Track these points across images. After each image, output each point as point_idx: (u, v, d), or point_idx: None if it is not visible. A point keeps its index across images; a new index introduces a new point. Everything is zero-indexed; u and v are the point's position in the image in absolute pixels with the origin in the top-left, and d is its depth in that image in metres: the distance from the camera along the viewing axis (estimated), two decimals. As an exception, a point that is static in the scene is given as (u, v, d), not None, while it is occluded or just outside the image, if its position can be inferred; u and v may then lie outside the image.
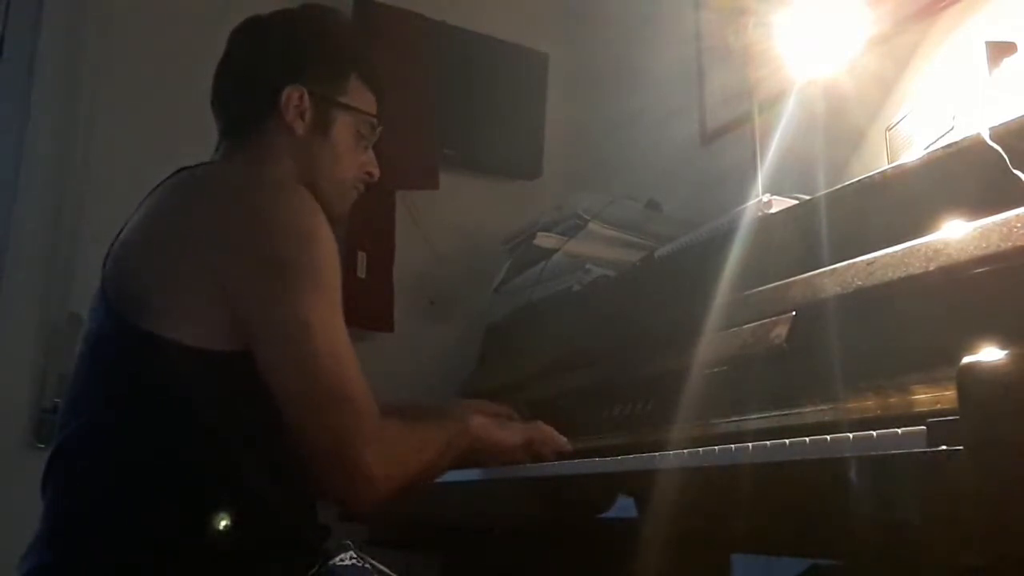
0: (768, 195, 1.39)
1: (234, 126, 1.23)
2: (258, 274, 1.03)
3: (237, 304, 1.01)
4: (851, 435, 0.76)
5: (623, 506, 1.05)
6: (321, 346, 1.01)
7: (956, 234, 0.89)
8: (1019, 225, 0.82)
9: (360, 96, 1.25)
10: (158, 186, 1.15)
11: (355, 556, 1.14)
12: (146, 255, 1.08)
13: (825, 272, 1.05)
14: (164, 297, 1.03)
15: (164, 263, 1.05)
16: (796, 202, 1.35)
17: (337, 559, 1.12)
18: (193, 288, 1.02)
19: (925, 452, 0.67)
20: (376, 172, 1.28)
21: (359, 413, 1.02)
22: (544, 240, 1.98)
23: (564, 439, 1.29)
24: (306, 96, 1.20)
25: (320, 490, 1.09)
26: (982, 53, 1.18)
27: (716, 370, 1.15)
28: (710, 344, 1.18)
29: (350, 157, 1.24)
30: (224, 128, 1.24)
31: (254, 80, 1.22)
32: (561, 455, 1.27)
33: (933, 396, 0.83)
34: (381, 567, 1.16)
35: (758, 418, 1.04)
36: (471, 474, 1.33)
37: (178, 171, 1.14)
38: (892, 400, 0.88)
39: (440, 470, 1.17)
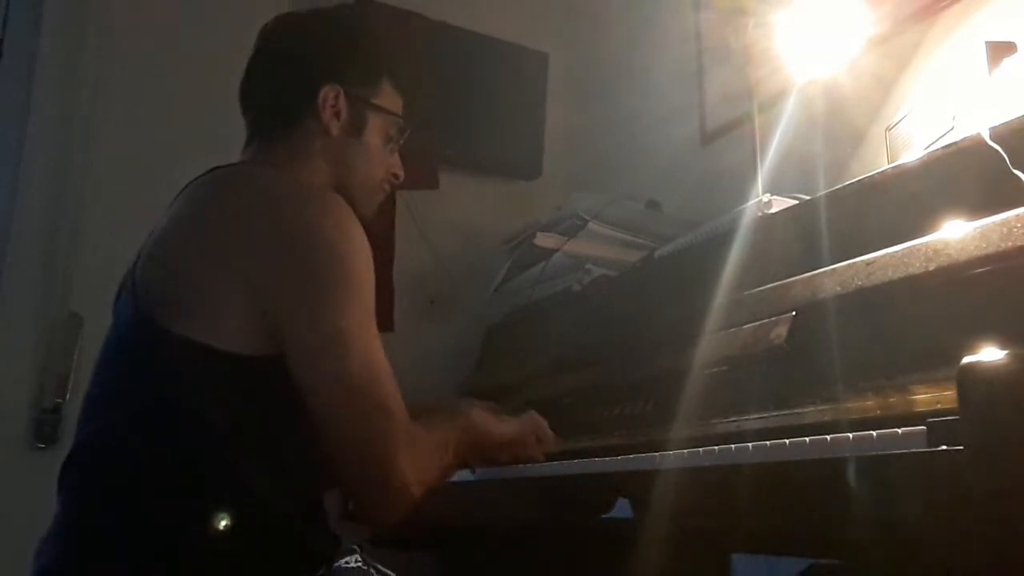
0: (768, 195, 1.39)
1: (266, 124, 1.21)
2: (294, 282, 1.02)
3: (272, 310, 1.01)
4: (851, 435, 0.76)
5: (623, 506, 1.05)
6: (356, 354, 1.01)
7: (956, 234, 0.89)
8: (1019, 225, 0.82)
9: (391, 98, 1.25)
10: (190, 184, 1.13)
11: (360, 560, 1.14)
12: (180, 258, 1.06)
13: (825, 272, 1.05)
14: (197, 301, 1.02)
15: (198, 267, 1.04)
16: (796, 202, 1.35)
17: (342, 562, 1.12)
18: (227, 293, 1.01)
19: (925, 452, 0.67)
20: (401, 174, 1.28)
21: (393, 421, 1.02)
22: (544, 240, 1.98)
23: (551, 435, 1.30)
24: (342, 96, 1.19)
25: (352, 500, 1.09)
26: (982, 53, 1.18)
27: (716, 370, 1.15)
28: (710, 344, 1.18)
29: (379, 159, 1.24)
30: (254, 126, 1.22)
31: (291, 78, 1.21)
32: (550, 453, 1.28)
33: (933, 396, 0.83)
34: (385, 571, 1.16)
35: (758, 418, 1.04)
36: (471, 474, 1.34)
37: (211, 170, 1.13)
38: (892, 400, 0.88)
39: (453, 469, 1.17)
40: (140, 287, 1.06)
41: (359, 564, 1.13)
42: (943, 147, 1.05)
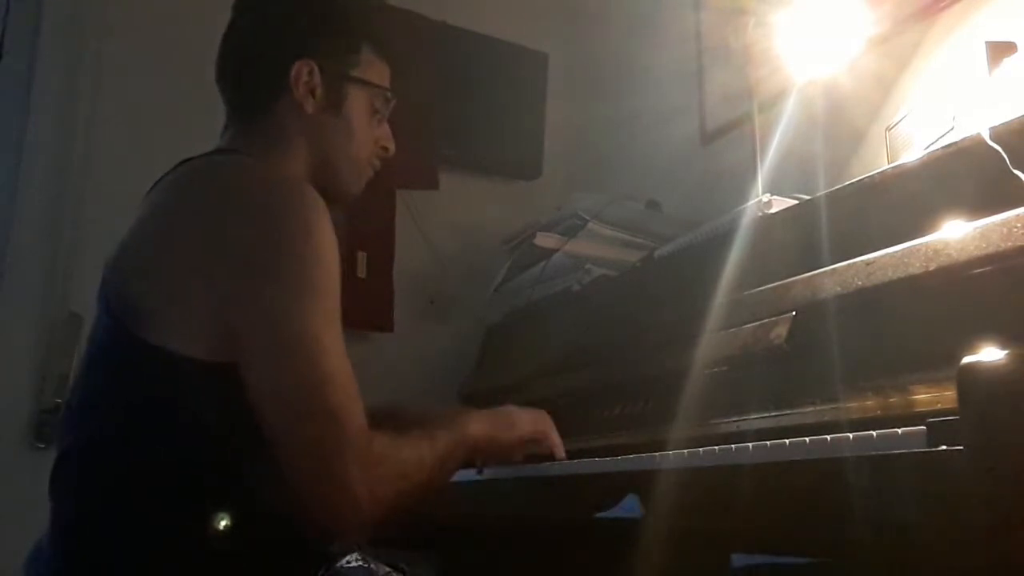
0: (768, 195, 1.39)
1: (241, 106, 1.16)
2: (251, 279, 0.96)
3: (229, 310, 0.95)
4: (851, 435, 0.76)
5: (623, 506, 1.05)
6: (311, 360, 0.94)
7: (956, 234, 0.89)
8: (1019, 225, 0.82)
9: (373, 68, 1.19)
10: (159, 181, 1.10)
11: (360, 558, 1.13)
12: (142, 259, 1.03)
13: (825, 272, 1.05)
14: (160, 304, 0.98)
15: (159, 268, 1.00)
16: (796, 202, 1.35)
17: (343, 561, 1.11)
18: (188, 295, 0.97)
19: (925, 452, 0.67)
20: (392, 146, 1.22)
21: (343, 429, 0.93)
22: (544, 240, 1.98)
23: (560, 443, 1.26)
24: (316, 71, 1.13)
25: (300, 512, 0.97)
26: (982, 53, 1.18)
27: (716, 370, 1.15)
28: (710, 344, 1.18)
29: (365, 133, 1.18)
30: (231, 108, 1.17)
31: (261, 55, 1.15)
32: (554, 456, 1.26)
33: (933, 396, 0.83)
34: (386, 568, 1.16)
35: (758, 418, 1.04)
36: (471, 474, 1.34)
37: (180, 163, 1.09)
38: (892, 400, 0.88)
39: (438, 485, 1.10)
40: (109, 290, 1.03)
41: (360, 563, 1.13)
42: (943, 147, 1.05)
